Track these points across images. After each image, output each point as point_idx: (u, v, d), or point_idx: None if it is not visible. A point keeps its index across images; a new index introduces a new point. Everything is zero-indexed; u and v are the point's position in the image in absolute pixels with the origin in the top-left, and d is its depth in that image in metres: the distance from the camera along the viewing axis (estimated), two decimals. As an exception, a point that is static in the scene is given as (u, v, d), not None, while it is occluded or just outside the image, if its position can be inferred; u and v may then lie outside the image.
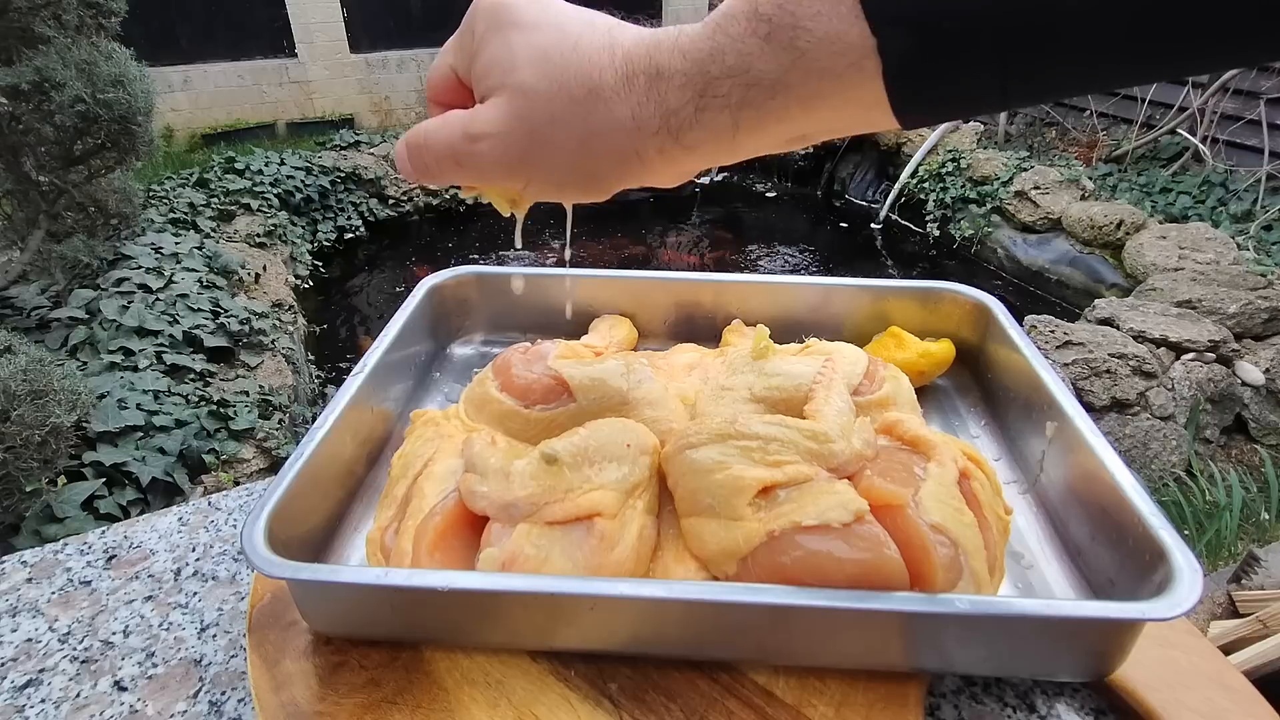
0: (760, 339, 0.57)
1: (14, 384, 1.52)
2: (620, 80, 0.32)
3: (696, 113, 0.31)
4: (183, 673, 0.46)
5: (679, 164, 0.34)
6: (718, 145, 0.32)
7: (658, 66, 0.31)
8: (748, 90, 0.29)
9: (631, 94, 0.32)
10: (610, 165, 0.34)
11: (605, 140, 0.33)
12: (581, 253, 4.40)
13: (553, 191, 0.36)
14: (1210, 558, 1.93)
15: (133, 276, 2.59)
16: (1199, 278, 2.81)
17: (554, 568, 0.41)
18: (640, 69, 0.31)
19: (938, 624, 0.39)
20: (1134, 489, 0.44)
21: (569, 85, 0.32)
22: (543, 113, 0.33)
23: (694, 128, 0.31)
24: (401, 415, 0.63)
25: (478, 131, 0.34)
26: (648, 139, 0.32)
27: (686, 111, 0.31)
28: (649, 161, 0.33)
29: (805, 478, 0.44)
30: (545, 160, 0.34)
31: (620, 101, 0.32)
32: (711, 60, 0.29)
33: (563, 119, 0.33)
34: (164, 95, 4.58)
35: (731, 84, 0.29)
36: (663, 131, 0.32)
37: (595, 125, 0.32)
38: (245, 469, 2.05)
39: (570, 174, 0.34)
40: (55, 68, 2.21)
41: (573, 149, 0.33)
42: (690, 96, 0.30)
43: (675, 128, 0.31)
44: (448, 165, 0.36)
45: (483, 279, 0.73)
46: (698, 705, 0.41)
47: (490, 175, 0.36)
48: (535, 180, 0.35)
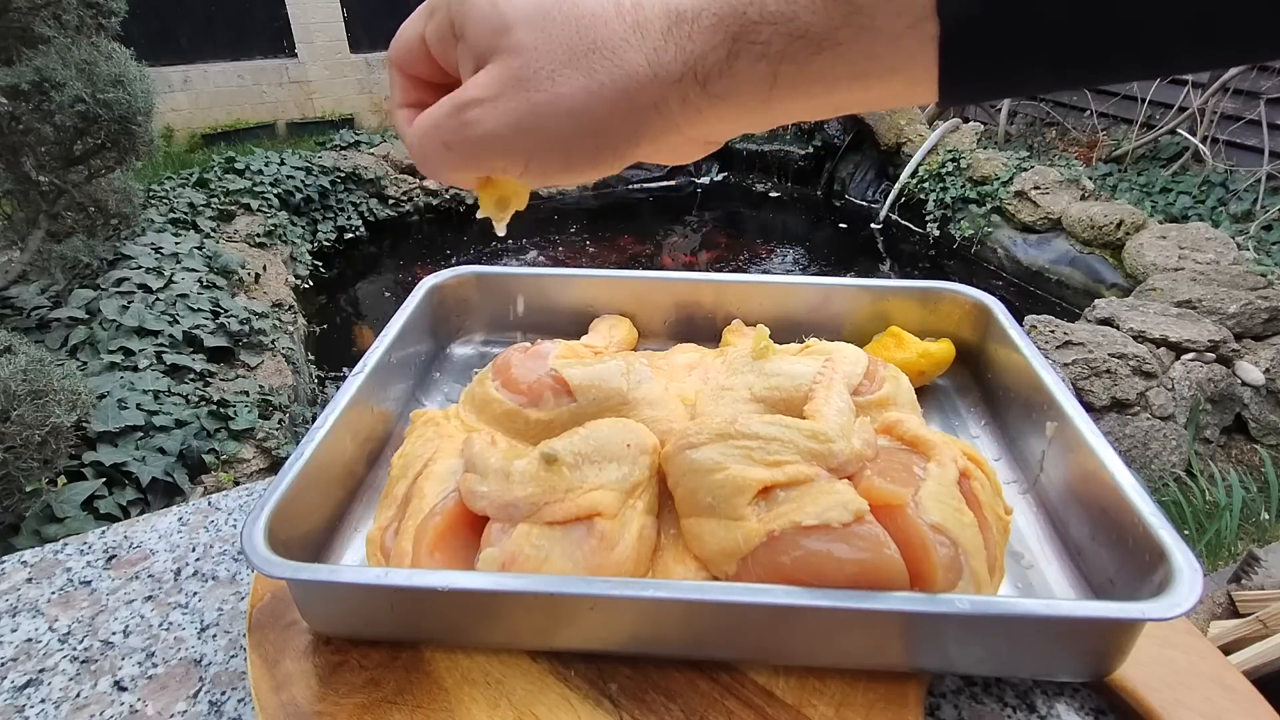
0: (760, 339, 0.57)
1: (14, 384, 1.52)
2: (630, 29, 0.29)
3: (729, 59, 0.28)
4: (183, 673, 0.46)
5: (704, 119, 0.30)
6: (751, 99, 0.29)
7: (676, 10, 0.28)
8: (790, 42, 0.26)
9: (645, 40, 0.28)
10: (623, 122, 0.30)
11: (616, 91, 0.29)
12: (582, 252, 4.40)
13: (558, 165, 0.31)
14: (1210, 558, 1.93)
15: (133, 276, 2.59)
16: (1199, 278, 2.81)
17: (554, 568, 0.41)
18: (655, 14, 0.28)
19: (938, 624, 0.39)
20: (1134, 489, 0.44)
21: (569, 39, 0.29)
22: (542, 71, 0.29)
23: (725, 75, 0.28)
24: (401, 415, 0.63)
25: (469, 98, 0.30)
26: (668, 87, 0.29)
27: (716, 55, 0.28)
28: (670, 115, 0.30)
29: (805, 478, 0.44)
30: (548, 124, 0.30)
31: (631, 48, 0.29)
32: (748, 3, 0.27)
33: (565, 75, 0.29)
34: (164, 95, 4.58)
35: (772, 31, 0.26)
36: (687, 78, 0.28)
37: (602, 76, 0.29)
38: (245, 469, 2.05)
39: (578, 139, 0.30)
40: (55, 68, 2.21)
41: (579, 105, 0.29)
42: (722, 39, 0.27)
43: (703, 74, 0.28)
44: (435, 150, 0.32)
45: (483, 279, 0.73)
46: (698, 705, 0.41)
47: (486, 154, 0.31)
48: (538, 153, 0.31)
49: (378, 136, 4.97)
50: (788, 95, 0.28)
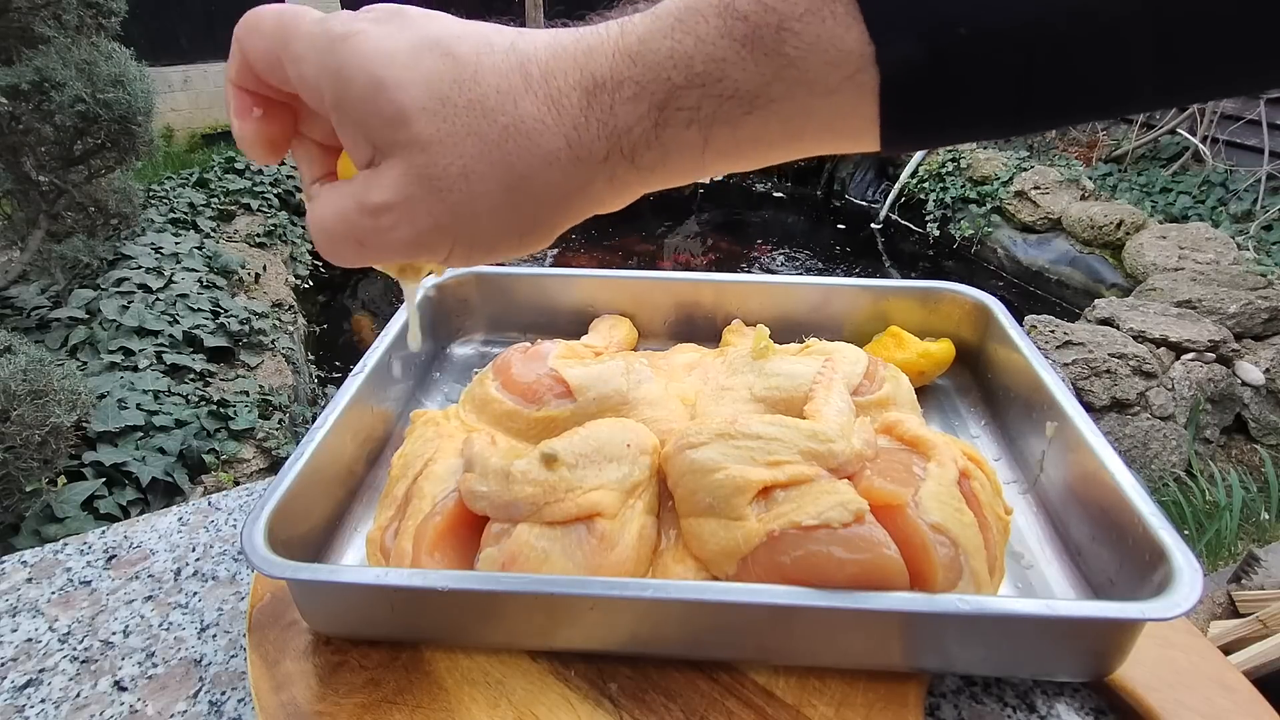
0: (760, 339, 0.57)
1: (14, 384, 1.52)
2: (544, 105, 0.26)
3: (656, 129, 0.26)
4: (183, 673, 0.46)
5: (632, 190, 0.28)
6: (681, 166, 0.27)
7: (594, 77, 0.26)
8: (720, 104, 0.25)
9: (563, 119, 0.26)
10: (549, 210, 0.28)
11: (537, 182, 0.27)
12: (583, 252, 4.40)
13: (482, 254, 0.29)
14: (1210, 558, 1.93)
15: (133, 276, 2.59)
16: (1199, 278, 2.81)
17: (554, 568, 0.41)
18: (570, 85, 0.26)
19: (938, 624, 0.39)
20: (1134, 489, 0.44)
21: (477, 128, 0.26)
22: (453, 169, 0.26)
23: (652, 147, 0.26)
24: (401, 415, 0.63)
25: (377, 204, 0.27)
26: (594, 168, 0.27)
27: (642, 127, 0.26)
28: (597, 195, 0.28)
29: (805, 478, 0.44)
30: (467, 225, 0.27)
31: (548, 132, 0.26)
32: (674, 65, 0.25)
33: (478, 171, 0.26)
34: (164, 95, 4.58)
35: (700, 94, 0.25)
36: (614, 156, 0.26)
37: (520, 168, 0.26)
38: (245, 469, 2.05)
39: (501, 231, 0.28)
40: (55, 68, 2.21)
41: (498, 203, 0.27)
42: (647, 108, 0.25)
43: (629, 148, 0.26)
44: (349, 247, 0.29)
45: (483, 279, 0.73)
46: (698, 705, 0.41)
47: (401, 254, 0.29)
48: (459, 245, 0.28)
49: (378, 136, 4.97)
50: (720, 159, 0.27)
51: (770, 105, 0.25)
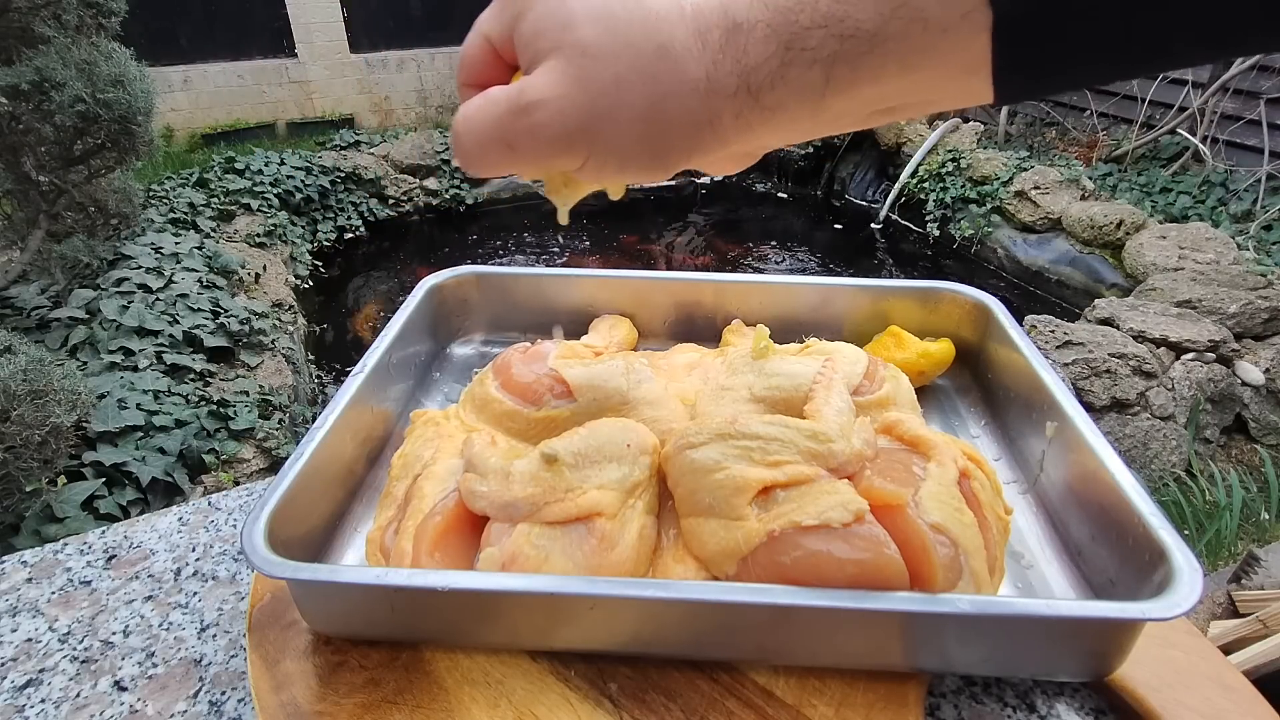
0: (760, 339, 0.57)
1: (14, 384, 1.52)
2: (692, 36, 0.28)
3: (781, 68, 0.27)
4: (183, 673, 0.46)
5: (754, 132, 0.30)
6: (801, 108, 0.28)
7: (734, 19, 0.28)
8: (842, 42, 0.26)
9: (705, 51, 0.28)
10: (680, 134, 0.30)
11: (676, 104, 0.29)
12: (583, 252, 4.40)
13: (614, 168, 0.31)
14: (1210, 558, 1.93)
15: (133, 276, 2.59)
16: (1199, 278, 2.81)
17: (554, 568, 0.41)
18: (714, 22, 0.28)
19: (938, 624, 0.39)
20: (1134, 489, 0.44)
21: (635, 42, 0.28)
22: (606, 74, 0.28)
23: (777, 86, 0.28)
24: (401, 415, 0.63)
25: (530, 100, 0.29)
26: (723, 101, 0.28)
27: (769, 67, 0.27)
28: (722, 129, 0.29)
29: (805, 478, 0.44)
30: (608, 130, 0.29)
31: (693, 60, 0.28)
32: (801, 9, 0.26)
33: (629, 80, 0.28)
34: (164, 95, 4.58)
35: (823, 35, 0.26)
36: (741, 92, 0.28)
37: (665, 87, 0.28)
38: (245, 469, 2.05)
39: (635, 145, 0.30)
40: (55, 68, 2.21)
41: (640, 115, 0.29)
42: (774, 49, 0.27)
43: (755, 86, 0.28)
44: (496, 149, 0.31)
45: (483, 279, 0.73)
46: (698, 705, 0.41)
47: (545, 153, 0.31)
48: (596, 155, 0.30)
49: (378, 136, 4.98)
50: (839, 99, 0.28)
51: (888, 44, 0.26)
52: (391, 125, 5.61)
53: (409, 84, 5.69)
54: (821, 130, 0.30)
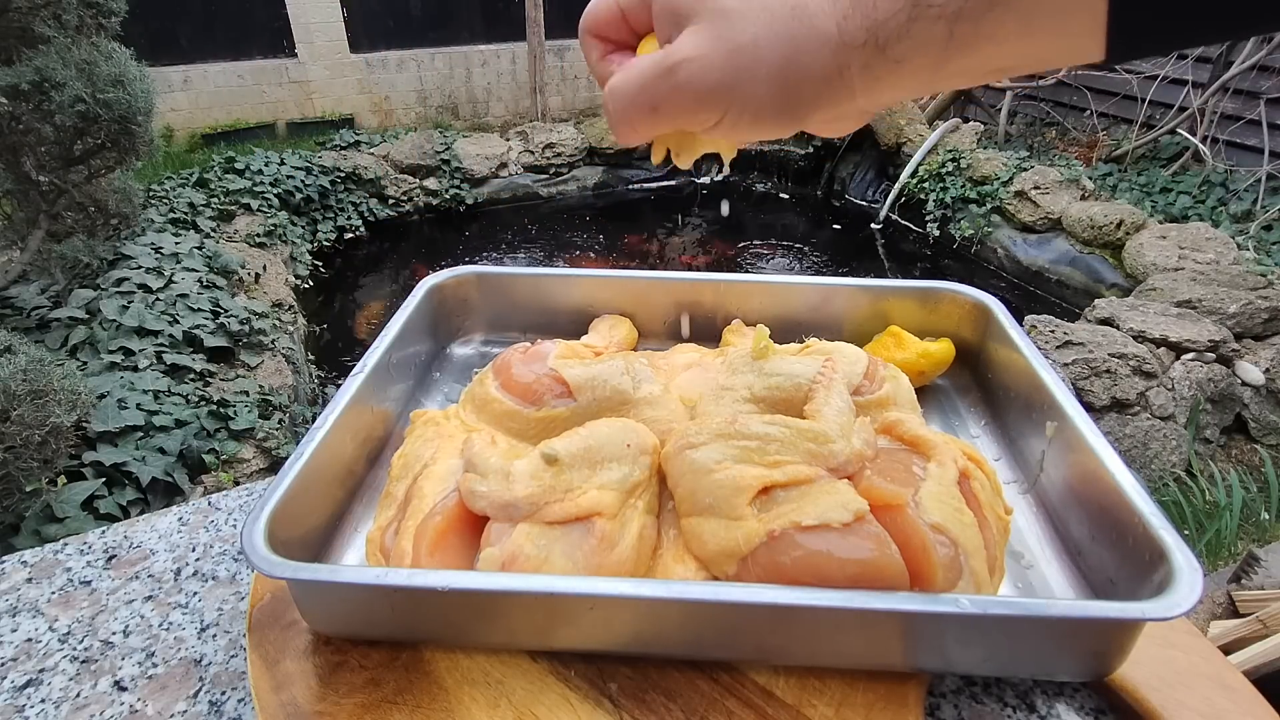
0: (760, 339, 0.57)
1: (14, 384, 1.52)
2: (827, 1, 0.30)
3: (908, 22, 0.29)
4: (183, 673, 0.46)
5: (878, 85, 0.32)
6: (924, 60, 0.30)
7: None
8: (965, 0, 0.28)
9: (836, 7, 0.30)
10: (811, 85, 0.32)
11: (809, 57, 0.31)
12: (583, 252, 4.40)
13: (748, 121, 0.33)
14: (1210, 558, 1.93)
15: (133, 276, 2.59)
16: (1199, 278, 2.81)
17: (554, 568, 0.41)
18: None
19: (938, 624, 0.39)
20: (1134, 489, 0.44)
21: (770, 4, 0.31)
22: (744, 32, 0.31)
23: (903, 39, 0.30)
24: (401, 415, 0.63)
25: (675, 60, 0.33)
26: (852, 53, 0.31)
27: (897, 21, 0.29)
28: (850, 81, 0.31)
29: (805, 478, 0.44)
30: (746, 84, 0.32)
31: (825, 16, 0.30)
32: None
33: (765, 37, 0.31)
34: (164, 95, 4.58)
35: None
36: (869, 45, 0.30)
37: (799, 42, 0.31)
38: (245, 469, 2.05)
39: (770, 97, 0.32)
40: (55, 68, 2.21)
41: (775, 68, 0.31)
42: (902, 5, 0.29)
43: (883, 40, 0.30)
44: (641, 111, 0.34)
45: (483, 279, 0.73)
46: (698, 705, 0.41)
47: (687, 109, 0.34)
48: (734, 108, 0.33)
49: (378, 136, 4.97)
50: (960, 54, 0.29)
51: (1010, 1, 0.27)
52: (391, 125, 5.61)
53: (409, 84, 5.69)
54: (939, 85, 0.32)
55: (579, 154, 5.06)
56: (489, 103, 6.00)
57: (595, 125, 5.20)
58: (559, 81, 6.04)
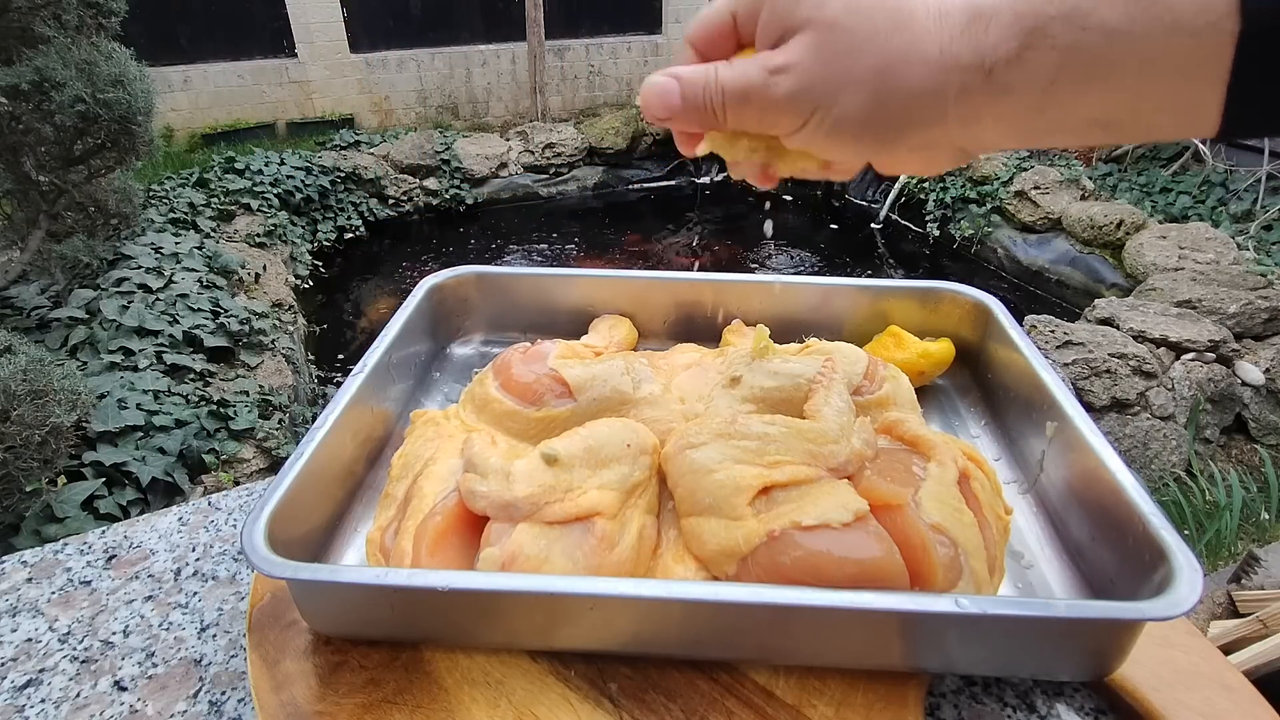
0: (760, 339, 0.57)
1: (14, 384, 1.52)
2: (933, 16, 0.31)
3: (1019, 49, 0.29)
4: (183, 673, 0.46)
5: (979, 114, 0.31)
6: (1030, 93, 0.30)
7: (976, 7, 0.30)
8: (1083, 33, 0.27)
9: (943, 30, 0.30)
10: (902, 102, 0.32)
11: (905, 73, 0.31)
12: (583, 252, 4.40)
13: (829, 129, 0.34)
14: (1210, 558, 1.93)
15: (133, 276, 2.59)
16: (1199, 278, 2.81)
17: (554, 568, 0.41)
18: (955, 6, 0.31)
19: (938, 624, 0.39)
20: (1134, 489, 0.44)
21: (876, 18, 0.31)
22: (845, 43, 0.32)
23: (1012, 66, 0.29)
24: (401, 415, 0.63)
25: (778, 64, 0.33)
26: (951, 73, 0.31)
27: (1008, 47, 0.29)
28: (944, 104, 0.31)
29: (805, 478, 0.44)
30: (836, 92, 0.32)
31: (929, 36, 0.31)
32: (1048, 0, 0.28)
33: (865, 47, 0.31)
34: (164, 95, 4.58)
35: (1065, 25, 0.28)
36: (973, 67, 0.30)
37: (898, 54, 0.31)
38: (245, 469, 2.05)
39: (858, 108, 0.32)
40: (55, 68, 2.21)
41: (867, 80, 0.32)
42: (1017, 33, 0.29)
43: (990, 64, 0.30)
44: (737, 104, 0.35)
45: (483, 279, 0.73)
46: (698, 705, 0.41)
47: (779, 111, 0.34)
48: (818, 115, 0.33)
49: (377, 136, 4.97)
50: (1067, 93, 0.29)
51: (1130, 40, 0.27)
52: (391, 125, 5.61)
53: (409, 84, 5.69)
54: (1038, 131, 0.31)
55: (579, 154, 5.06)
56: (489, 103, 6.00)
57: (595, 125, 5.20)
58: (559, 81, 6.04)
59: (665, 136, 5.12)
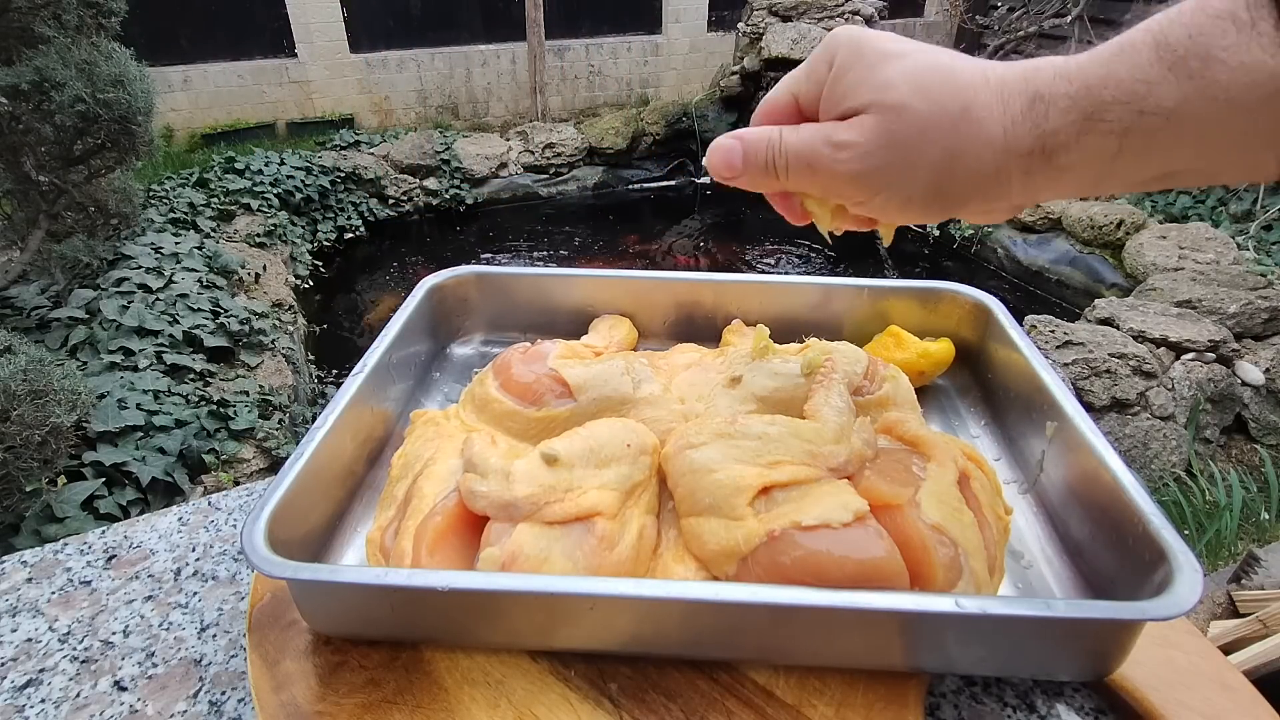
0: (760, 339, 0.57)
1: (14, 384, 1.52)
2: (995, 99, 0.32)
3: (1079, 135, 0.30)
4: (183, 673, 0.46)
5: (1039, 188, 0.33)
6: (1090, 169, 0.31)
7: (1036, 90, 0.31)
8: (1140, 116, 0.28)
9: (1006, 113, 0.31)
10: (967, 183, 0.33)
11: (972, 157, 0.32)
12: (583, 252, 4.41)
13: (897, 207, 0.35)
14: (1210, 558, 1.93)
15: (133, 276, 2.59)
16: (1199, 278, 2.81)
17: (554, 568, 0.41)
18: (1016, 91, 0.31)
19: (938, 624, 0.39)
20: (1134, 489, 0.44)
21: (943, 102, 0.32)
22: (913, 127, 0.33)
23: (1072, 149, 0.30)
24: (401, 415, 0.63)
25: (844, 140, 0.34)
26: (1015, 159, 0.32)
27: (1067, 133, 0.30)
28: (1008, 184, 0.33)
29: (805, 478, 0.44)
30: (904, 174, 0.33)
31: (993, 120, 0.31)
32: (1104, 86, 0.29)
33: (932, 135, 0.32)
34: (164, 95, 4.58)
35: (1124, 109, 0.29)
36: (1036, 153, 0.31)
37: (964, 142, 0.32)
38: (245, 469, 2.05)
39: (924, 189, 0.34)
40: (55, 68, 2.21)
41: (935, 164, 0.33)
42: (1075, 119, 0.30)
43: (1051, 148, 0.31)
44: (800, 168, 0.36)
45: (483, 279, 0.73)
46: (698, 705, 0.41)
47: (840, 184, 0.35)
48: (884, 194, 0.35)
49: (378, 136, 4.97)
50: (1128, 165, 0.30)
51: (1185, 119, 0.28)
52: (391, 125, 5.61)
53: (409, 84, 5.69)
54: (1105, 188, 0.32)
55: (579, 154, 5.06)
56: (489, 103, 6.00)
57: (595, 125, 5.20)
58: (559, 81, 6.04)
59: (665, 137, 5.12)
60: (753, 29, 4.99)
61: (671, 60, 6.29)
